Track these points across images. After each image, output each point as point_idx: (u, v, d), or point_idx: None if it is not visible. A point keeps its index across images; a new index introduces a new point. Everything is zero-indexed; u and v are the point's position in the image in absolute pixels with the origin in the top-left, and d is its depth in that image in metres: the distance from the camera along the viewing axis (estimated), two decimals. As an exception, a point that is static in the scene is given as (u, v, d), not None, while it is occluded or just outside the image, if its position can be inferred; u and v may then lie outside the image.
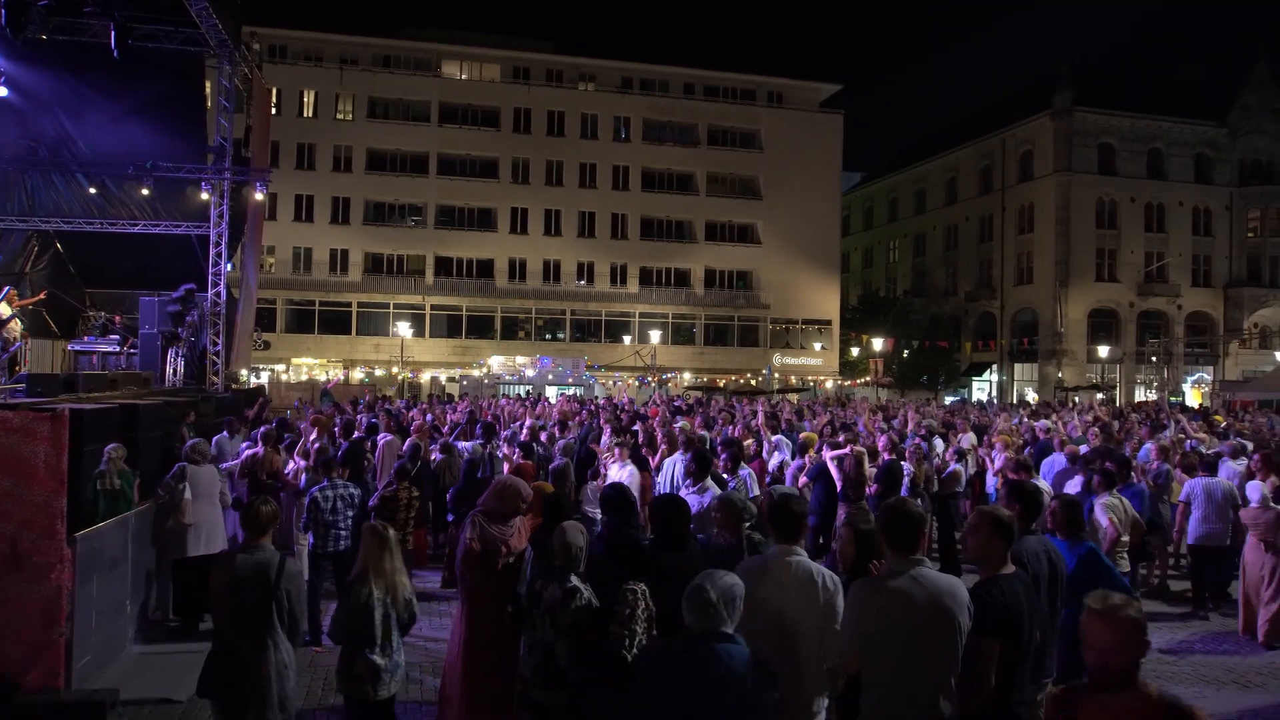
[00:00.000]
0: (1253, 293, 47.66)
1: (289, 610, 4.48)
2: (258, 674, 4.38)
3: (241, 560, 4.49)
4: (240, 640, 4.41)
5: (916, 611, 3.33)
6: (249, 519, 4.66)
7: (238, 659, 4.38)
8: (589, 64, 47.44)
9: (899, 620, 3.34)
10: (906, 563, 3.44)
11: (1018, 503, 4.59)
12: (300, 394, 28.36)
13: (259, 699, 4.38)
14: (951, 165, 54.77)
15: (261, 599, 4.42)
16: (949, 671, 3.38)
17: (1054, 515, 5.28)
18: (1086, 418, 16.49)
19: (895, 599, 3.37)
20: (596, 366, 40.76)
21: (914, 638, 3.33)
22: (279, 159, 40.46)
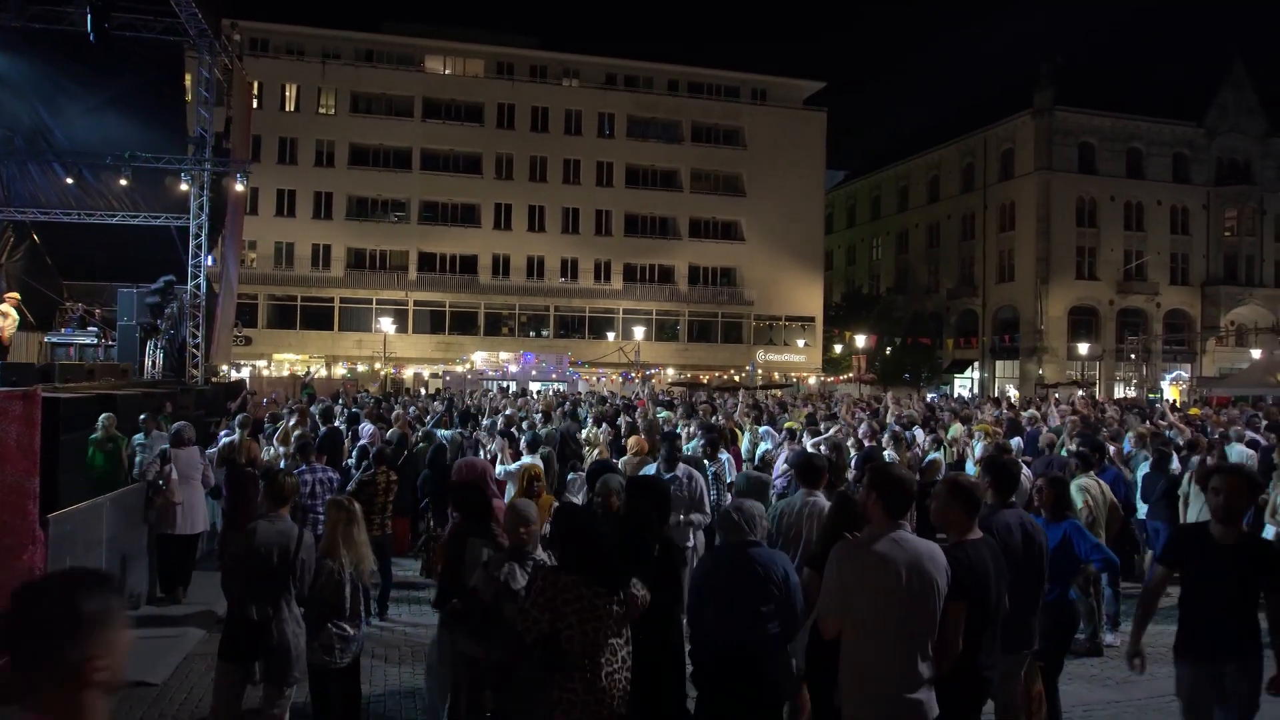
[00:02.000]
0: (1229, 291, 48.22)
1: (302, 579, 4.70)
2: (280, 636, 4.60)
3: (264, 529, 4.67)
4: (258, 605, 4.59)
5: (897, 574, 3.37)
6: (272, 490, 4.90)
7: (256, 623, 4.58)
8: (573, 60, 47.39)
9: (880, 582, 3.38)
10: (890, 526, 3.48)
11: (989, 475, 4.65)
12: (281, 388, 28.24)
13: (281, 659, 4.60)
14: (934, 163, 55.08)
15: (281, 566, 4.62)
16: (927, 634, 3.43)
17: (1040, 494, 5.46)
18: (1064, 407, 16.70)
19: (876, 561, 3.41)
20: (580, 363, 40.72)
21: (894, 600, 3.37)
22: (260, 153, 40.21)
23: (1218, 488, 4.23)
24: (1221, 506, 4.20)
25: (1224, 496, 4.18)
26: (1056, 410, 16.10)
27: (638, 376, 38.70)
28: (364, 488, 7.54)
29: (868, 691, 3.40)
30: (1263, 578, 4.12)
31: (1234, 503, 4.18)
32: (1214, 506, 4.28)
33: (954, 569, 3.53)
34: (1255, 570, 4.10)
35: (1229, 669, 4.08)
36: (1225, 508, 4.17)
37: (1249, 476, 4.34)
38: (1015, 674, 4.56)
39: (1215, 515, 4.26)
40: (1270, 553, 4.24)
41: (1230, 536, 4.14)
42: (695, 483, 7.06)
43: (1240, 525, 4.20)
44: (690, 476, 7.06)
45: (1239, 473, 4.35)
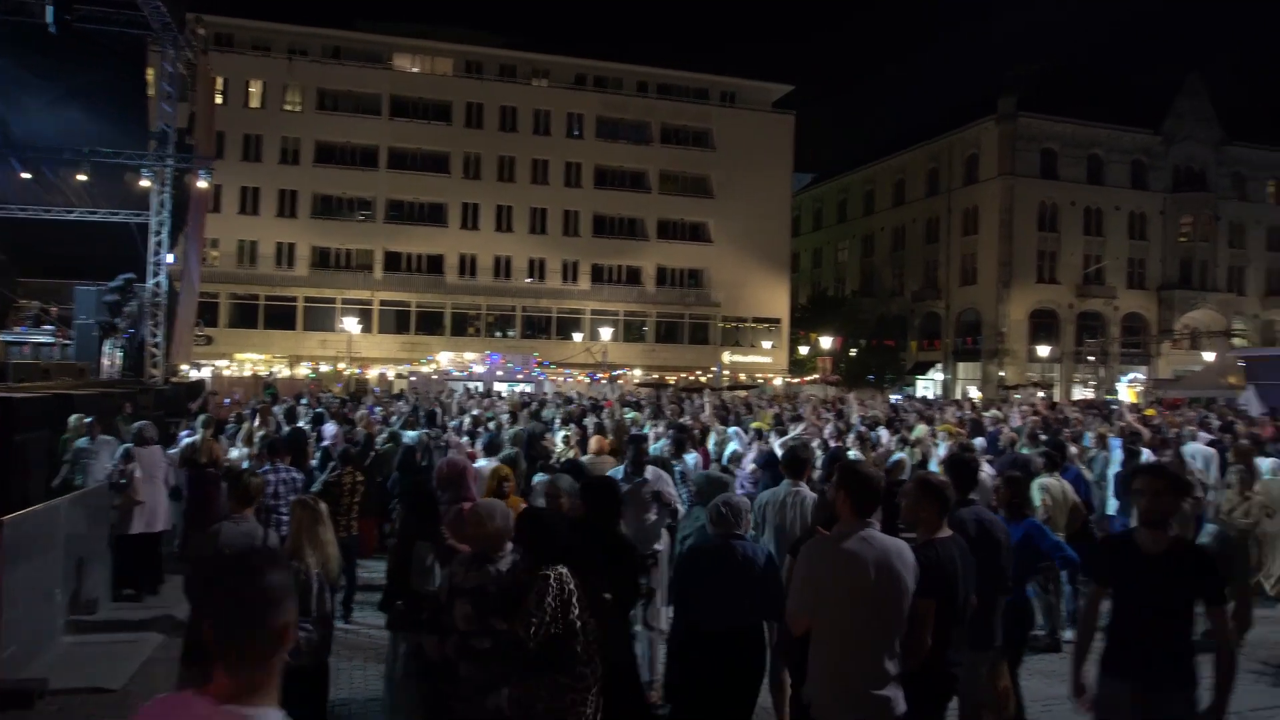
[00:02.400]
0: (1184, 295, 49.32)
1: None
2: None
3: (229, 530, 4.57)
4: None
5: (865, 572, 3.41)
6: (237, 491, 4.78)
7: None
8: (542, 60, 47.27)
9: (849, 580, 3.42)
10: (859, 524, 3.52)
11: (949, 472, 4.73)
12: (243, 389, 27.86)
13: None
14: (899, 167, 55.71)
15: None
16: (895, 631, 3.47)
17: (997, 493, 5.47)
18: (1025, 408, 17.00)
19: (846, 559, 3.45)
20: (547, 363, 40.56)
21: (862, 598, 3.40)
22: (224, 150, 39.55)
23: (1140, 489, 3.84)
24: (1146, 510, 3.81)
25: (1147, 499, 3.77)
26: (1018, 411, 16.39)
27: (605, 377, 38.67)
28: (329, 489, 7.47)
29: (836, 688, 3.44)
30: (1197, 589, 3.68)
31: (1159, 505, 3.75)
32: (1139, 511, 3.90)
33: (923, 567, 3.58)
34: (1187, 581, 3.66)
35: (1157, 697, 3.62)
36: (1150, 511, 3.77)
37: (1173, 477, 3.95)
38: (978, 670, 4.64)
39: (1140, 520, 3.85)
40: (1203, 561, 3.81)
41: (1158, 544, 3.71)
42: (664, 484, 7.01)
43: (1167, 531, 3.80)
44: (659, 478, 7.01)
45: (1161, 473, 3.97)
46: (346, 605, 7.92)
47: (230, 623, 1.72)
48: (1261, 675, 6.96)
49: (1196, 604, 3.67)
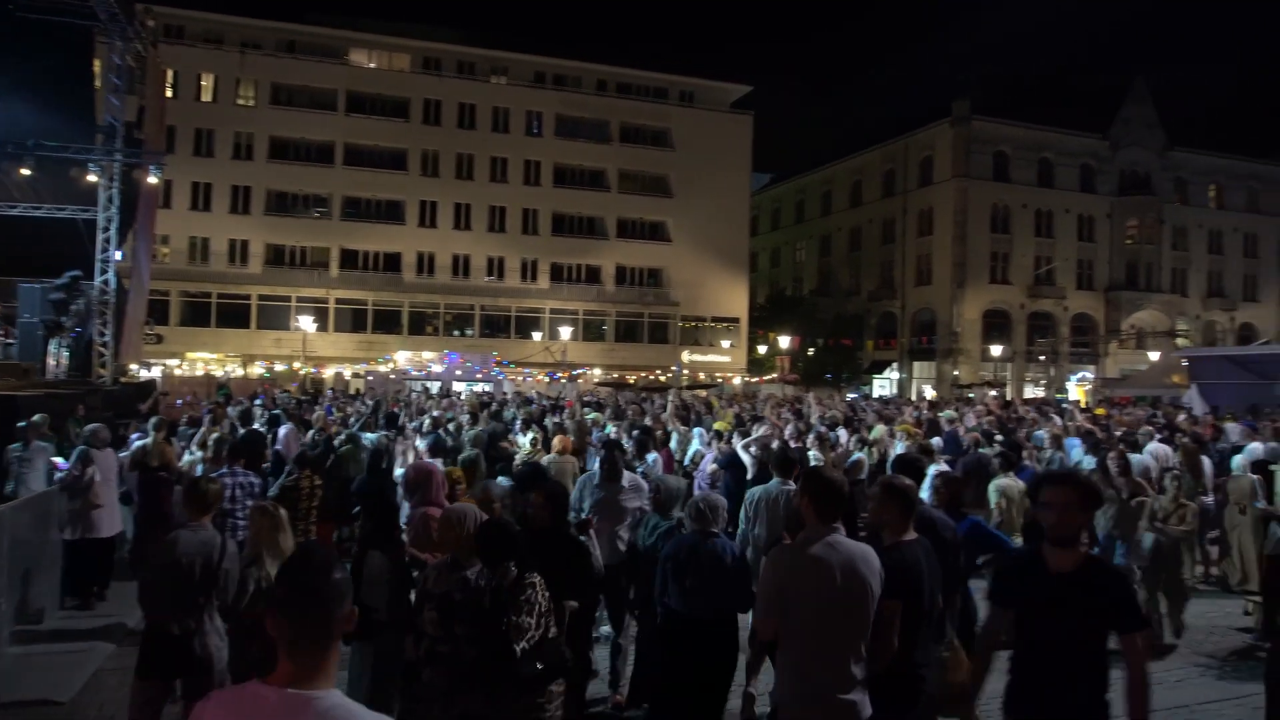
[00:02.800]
0: (1130, 296, 50.58)
1: (226, 590, 4.50)
2: (202, 651, 4.39)
3: (185, 538, 4.44)
4: (179, 619, 4.37)
5: (831, 576, 3.43)
6: (193, 497, 4.64)
7: (177, 638, 4.35)
8: (501, 57, 46.94)
9: (815, 585, 3.43)
10: (824, 529, 3.54)
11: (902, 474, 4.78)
12: (195, 389, 27.28)
13: (203, 675, 4.37)
14: (856, 169, 56.34)
15: (204, 577, 4.40)
16: (861, 635, 3.50)
17: (937, 491, 5.45)
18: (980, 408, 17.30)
19: (812, 564, 3.46)
20: (506, 362, 40.36)
21: (829, 603, 3.42)
22: (175, 144, 38.65)
23: (1048, 501, 3.37)
24: (1052, 526, 3.34)
25: (1056, 512, 3.31)
26: (973, 411, 16.67)
27: (564, 376, 38.57)
28: (287, 493, 7.33)
29: (802, 692, 3.46)
30: (1109, 615, 3.24)
31: (1068, 519, 3.32)
32: (1046, 526, 3.41)
33: (889, 569, 3.61)
34: (1098, 605, 3.23)
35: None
36: (1056, 527, 3.32)
37: (1083, 488, 3.47)
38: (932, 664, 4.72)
39: (1048, 536, 3.38)
40: (1118, 583, 3.37)
41: (1066, 562, 3.30)
42: (640, 494, 6.73)
43: (1078, 547, 3.37)
44: (637, 488, 6.79)
45: (1070, 483, 3.48)
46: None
47: (298, 616, 1.93)
48: (1209, 669, 7.16)
49: (1108, 631, 3.24)
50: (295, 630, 1.92)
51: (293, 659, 1.91)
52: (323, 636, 1.94)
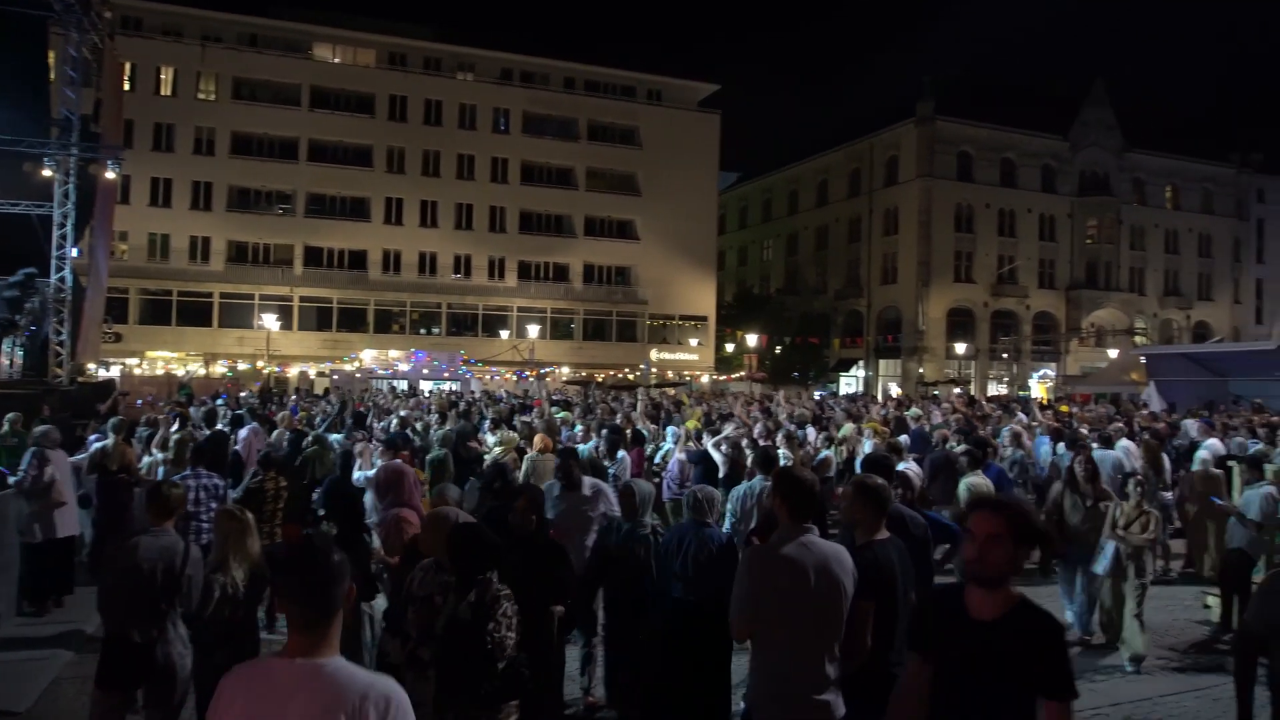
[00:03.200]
0: (1090, 295, 51.49)
1: (190, 596, 4.38)
2: (164, 660, 4.27)
3: (146, 544, 4.31)
4: (140, 627, 4.25)
5: (805, 577, 3.42)
6: (155, 502, 4.51)
7: (138, 646, 4.23)
8: (468, 53, 46.61)
9: (789, 586, 3.42)
10: (797, 530, 3.54)
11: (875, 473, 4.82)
12: (155, 388, 26.78)
13: (165, 684, 4.26)
14: (823, 168, 56.73)
15: (166, 584, 4.29)
16: (834, 636, 3.50)
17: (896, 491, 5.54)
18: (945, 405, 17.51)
19: (786, 565, 3.45)
20: (473, 361, 40.09)
21: (802, 603, 3.41)
22: (133, 139, 37.88)
23: (970, 529, 2.71)
24: (973, 560, 2.68)
25: (978, 544, 2.67)
26: (939, 409, 16.86)
27: (532, 375, 38.42)
28: (252, 495, 7.21)
29: (776, 692, 3.46)
30: (1034, 676, 2.58)
31: (993, 554, 2.64)
32: (965, 560, 2.74)
33: (862, 568, 3.61)
34: (1023, 663, 2.57)
35: None
36: (979, 561, 2.66)
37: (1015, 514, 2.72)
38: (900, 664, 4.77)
39: (967, 572, 2.73)
40: (1050, 637, 2.63)
41: (990, 607, 2.65)
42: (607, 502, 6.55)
43: (1006, 589, 2.68)
44: (599, 494, 6.62)
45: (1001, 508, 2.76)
46: (270, 614, 7.65)
47: (302, 597, 2.20)
48: (1170, 661, 7.29)
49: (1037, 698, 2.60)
50: (301, 609, 2.20)
51: (300, 634, 2.19)
52: (325, 613, 2.21)
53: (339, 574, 2.25)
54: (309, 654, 2.17)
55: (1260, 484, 7.98)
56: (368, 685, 2.13)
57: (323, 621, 2.20)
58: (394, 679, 2.27)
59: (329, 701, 2.09)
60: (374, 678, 2.18)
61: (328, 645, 2.20)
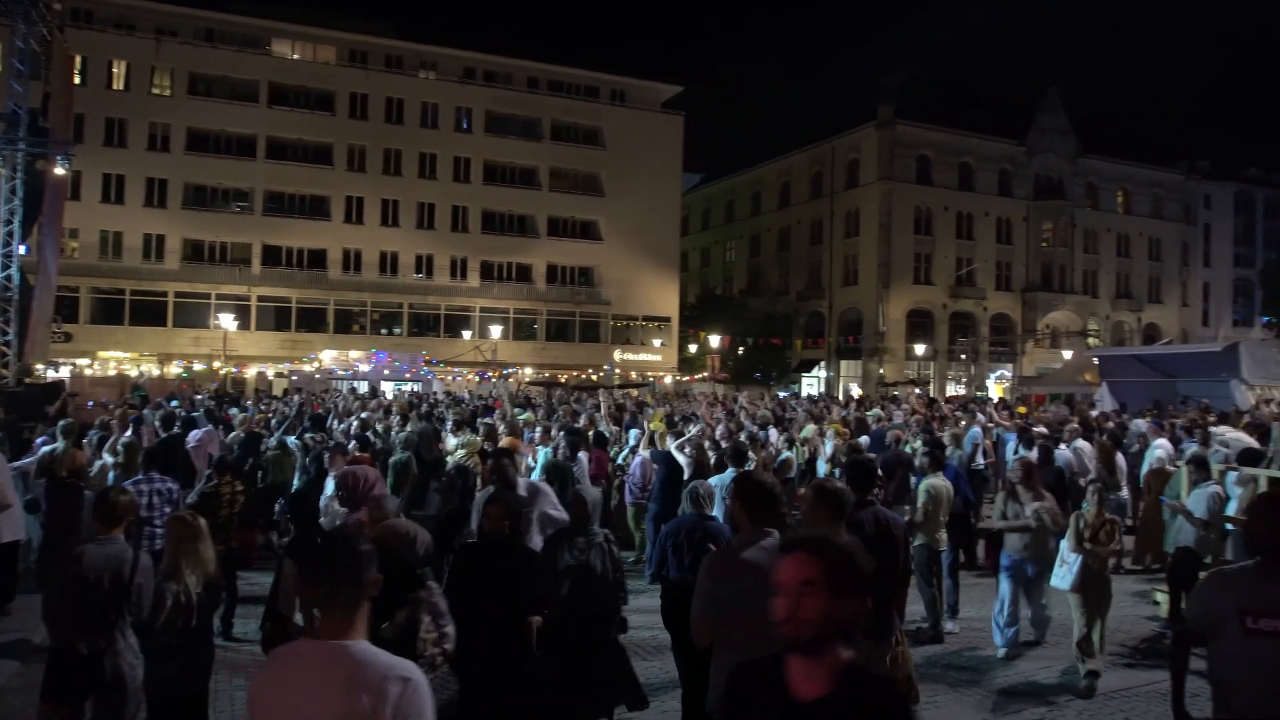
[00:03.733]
0: (1045, 297, 52.47)
1: (140, 605, 4.27)
2: (113, 671, 4.15)
3: (92, 552, 4.19)
4: (88, 637, 4.13)
5: (764, 581, 3.41)
6: (103, 509, 4.39)
7: (85, 657, 4.11)
8: (430, 51, 46.22)
9: (750, 590, 3.40)
10: (758, 534, 3.54)
11: (850, 474, 4.87)
12: (107, 390, 26.17)
13: (115, 696, 4.15)
14: (785, 170, 57.16)
15: (114, 592, 4.18)
16: None
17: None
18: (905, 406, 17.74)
19: (746, 570, 3.45)
20: (435, 361, 39.78)
21: (763, 607, 3.40)
22: (84, 134, 37.11)
23: (780, 580, 2.16)
24: (784, 621, 2.10)
25: (789, 600, 2.10)
26: (900, 410, 17.07)
27: (495, 376, 38.21)
28: (207, 500, 7.08)
29: None
30: None
31: (808, 610, 2.07)
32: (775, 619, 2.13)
33: None
34: None
35: None
36: (792, 618, 2.08)
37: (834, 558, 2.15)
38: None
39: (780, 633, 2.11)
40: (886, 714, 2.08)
41: (812, 681, 2.09)
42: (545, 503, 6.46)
43: (836, 652, 2.09)
44: (535, 492, 6.54)
45: (815, 549, 2.18)
46: (226, 621, 7.54)
47: (330, 583, 2.36)
48: (1120, 657, 7.45)
49: None
50: (331, 594, 2.36)
51: (329, 618, 2.36)
52: (354, 598, 2.38)
53: (367, 562, 2.43)
54: (338, 636, 2.33)
55: (1207, 483, 8.17)
56: (389, 666, 2.30)
57: (350, 606, 2.36)
58: None
59: (352, 679, 2.25)
60: (395, 660, 2.35)
61: (354, 630, 2.36)
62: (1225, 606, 3.21)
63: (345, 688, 2.24)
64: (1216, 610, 3.25)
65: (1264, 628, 3.08)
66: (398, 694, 2.24)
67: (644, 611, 7.25)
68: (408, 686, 2.27)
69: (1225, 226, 61.17)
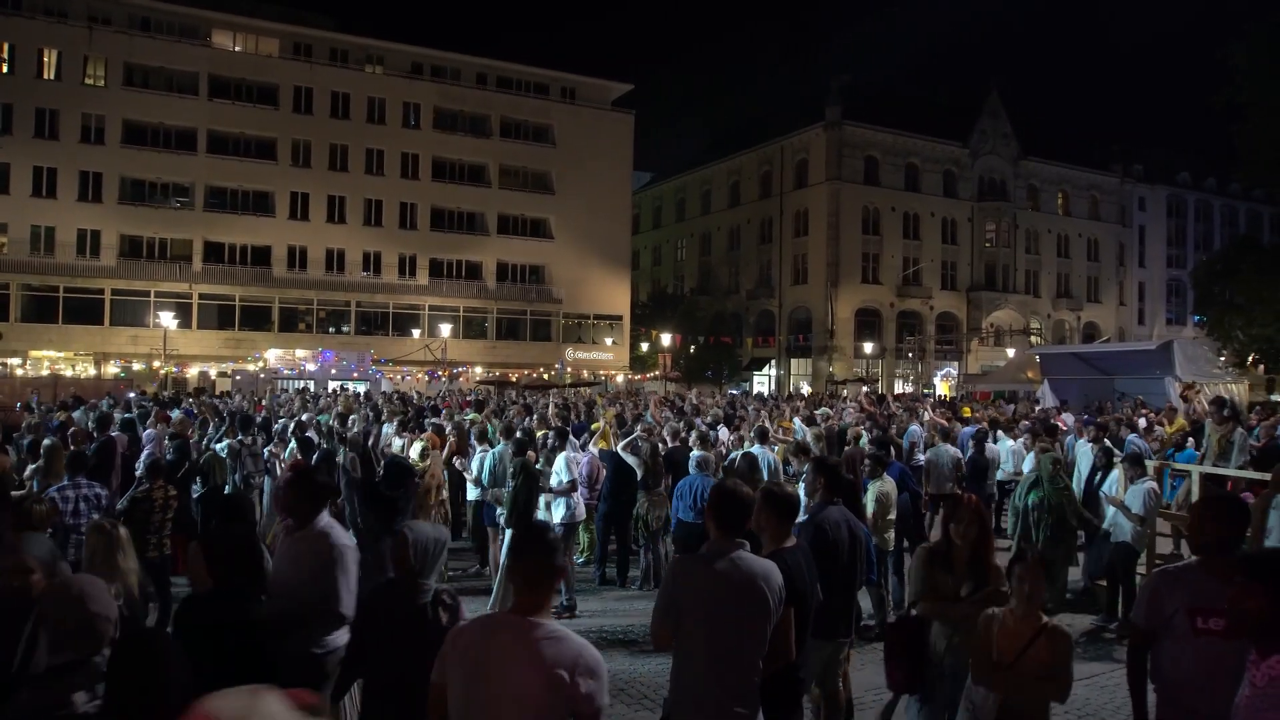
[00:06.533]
0: (989, 296, 53.60)
1: None
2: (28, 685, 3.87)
3: None
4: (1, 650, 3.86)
5: (730, 592, 3.37)
6: (19, 519, 4.13)
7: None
8: (376, 45, 45.51)
9: (716, 599, 3.37)
10: (728, 544, 3.48)
11: (821, 476, 4.85)
12: (39, 389, 25.29)
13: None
14: (735, 169, 57.47)
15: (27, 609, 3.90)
16: (757, 651, 3.45)
17: None
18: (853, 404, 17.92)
19: (713, 579, 3.39)
20: (384, 360, 39.22)
21: (727, 617, 3.36)
22: (11, 124, 35.93)
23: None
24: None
25: None
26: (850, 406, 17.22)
27: (444, 375, 37.78)
28: (138, 505, 6.83)
29: (698, 704, 3.39)
30: None
31: None
32: None
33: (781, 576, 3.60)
34: None
35: None
36: None
37: None
38: (837, 660, 4.83)
39: None
40: None
41: None
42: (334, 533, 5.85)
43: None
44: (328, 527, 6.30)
45: None
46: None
47: (532, 567, 2.78)
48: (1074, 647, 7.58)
49: None
50: (534, 574, 2.78)
51: (527, 596, 2.75)
52: (545, 582, 2.80)
53: (559, 547, 2.86)
54: (530, 614, 2.70)
55: (1143, 480, 8.37)
56: (581, 646, 2.69)
57: (542, 589, 2.78)
58: None
59: (552, 656, 2.61)
60: (584, 643, 2.72)
61: (544, 610, 2.75)
62: (1174, 605, 3.27)
63: (551, 663, 2.62)
64: (1165, 609, 3.30)
65: (1213, 627, 3.13)
66: (591, 675, 2.66)
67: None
68: (597, 668, 2.68)
69: (1159, 229, 63.14)
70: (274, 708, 2.06)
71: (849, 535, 4.72)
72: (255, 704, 2.04)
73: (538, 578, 2.77)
